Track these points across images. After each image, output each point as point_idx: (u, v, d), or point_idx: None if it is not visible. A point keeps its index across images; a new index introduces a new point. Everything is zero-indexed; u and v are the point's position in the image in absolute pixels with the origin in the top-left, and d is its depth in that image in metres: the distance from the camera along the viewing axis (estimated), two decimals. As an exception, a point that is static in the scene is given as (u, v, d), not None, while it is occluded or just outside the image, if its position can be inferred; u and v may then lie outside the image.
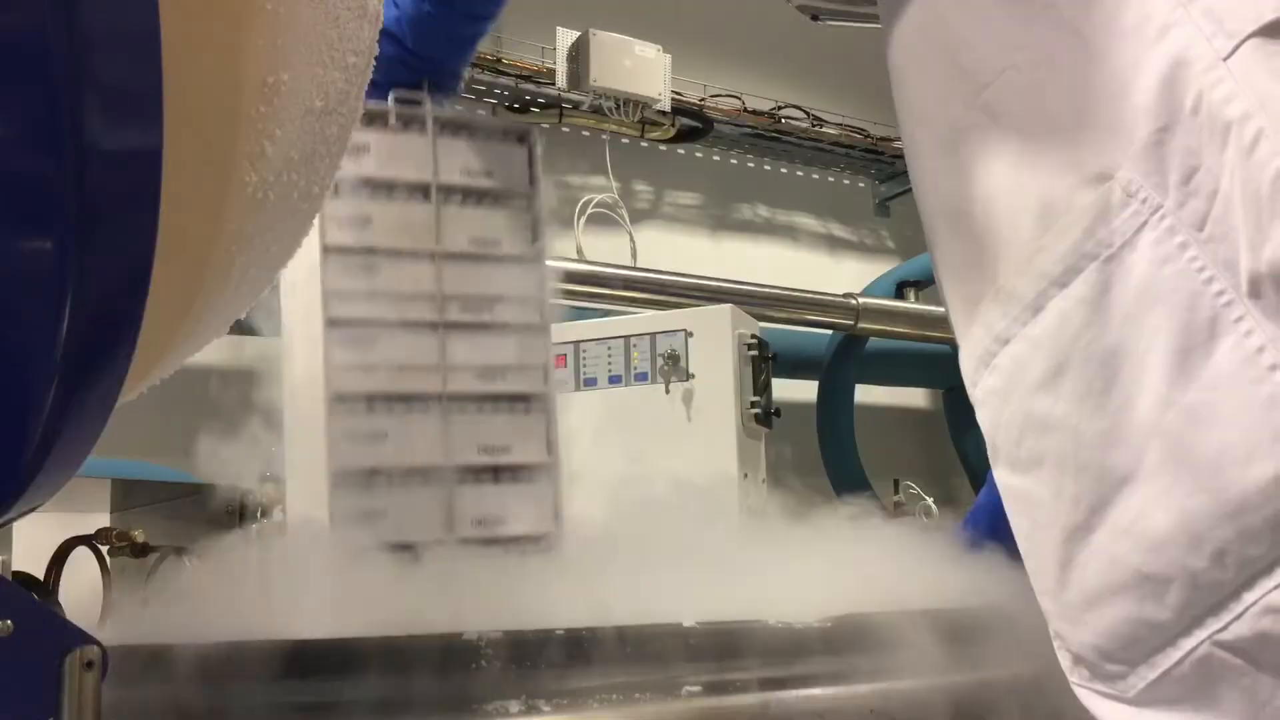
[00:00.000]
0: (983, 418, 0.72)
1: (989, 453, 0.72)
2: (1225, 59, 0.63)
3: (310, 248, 1.15)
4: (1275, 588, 0.58)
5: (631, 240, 3.64)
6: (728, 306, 2.22)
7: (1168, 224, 0.63)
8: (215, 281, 0.57)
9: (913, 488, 3.26)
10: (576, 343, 2.23)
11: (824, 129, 4.05)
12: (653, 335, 2.19)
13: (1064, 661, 0.70)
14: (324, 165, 0.59)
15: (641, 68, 3.50)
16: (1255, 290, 0.60)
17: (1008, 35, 0.70)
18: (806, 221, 4.37)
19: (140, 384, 0.61)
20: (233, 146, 0.52)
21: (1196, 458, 0.61)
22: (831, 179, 4.43)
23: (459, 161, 1.21)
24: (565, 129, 3.63)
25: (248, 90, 0.51)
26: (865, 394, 3.92)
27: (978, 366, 0.71)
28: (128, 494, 2.21)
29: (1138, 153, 0.64)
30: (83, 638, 0.52)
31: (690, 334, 2.17)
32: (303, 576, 0.86)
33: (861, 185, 4.50)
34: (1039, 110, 0.68)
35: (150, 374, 0.62)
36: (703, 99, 3.78)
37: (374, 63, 0.63)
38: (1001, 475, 0.71)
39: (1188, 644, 0.61)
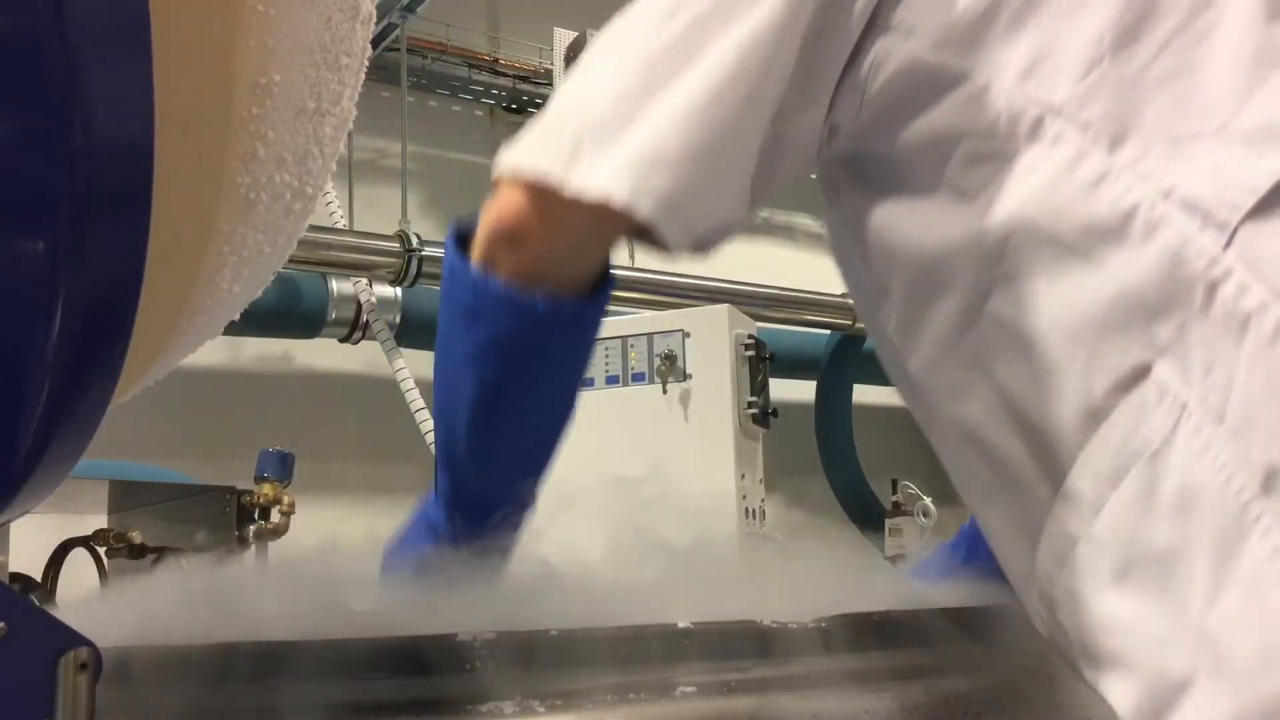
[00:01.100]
0: (1063, 618, 0.71)
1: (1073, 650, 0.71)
2: (1225, 249, 0.63)
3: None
4: None
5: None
6: (725, 307, 2.23)
7: (1194, 420, 0.63)
8: (208, 283, 0.57)
9: (910, 487, 3.26)
10: (574, 343, 2.23)
11: (822, 129, 4.05)
12: (650, 335, 2.19)
13: None
14: (317, 166, 0.60)
15: (639, 68, 3.50)
16: (1268, 486, 0.60)
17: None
18: (804, 221, 4.37)
19: (134, 386, 0.61)
20: (224, 147, 0.52)
21: (1236, 663, 0.60)
22: (829, 179, 4.43)
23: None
24: (563, 129, 3.63)
25: (240, 91, 0.51)
26: (863, 393, 3.92)
27: (1055, 567, 0.70)
28: (125, 495, 2.21)
29: (1163, 349, 0.64)
30: (76, 639, 0.52)
31: (688, 334, 2.17)
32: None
33: (859, 185, 4.50)
34: (1054, 316, 0.68)
35: (144, 376, 0.62)
36: (700, 99, 3.78)
37: (366, 64, 0.63)
38: (1085, 673, 0.70)
39: None
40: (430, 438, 3.13)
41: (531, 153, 0.74)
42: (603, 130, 0.72)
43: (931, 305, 0.74)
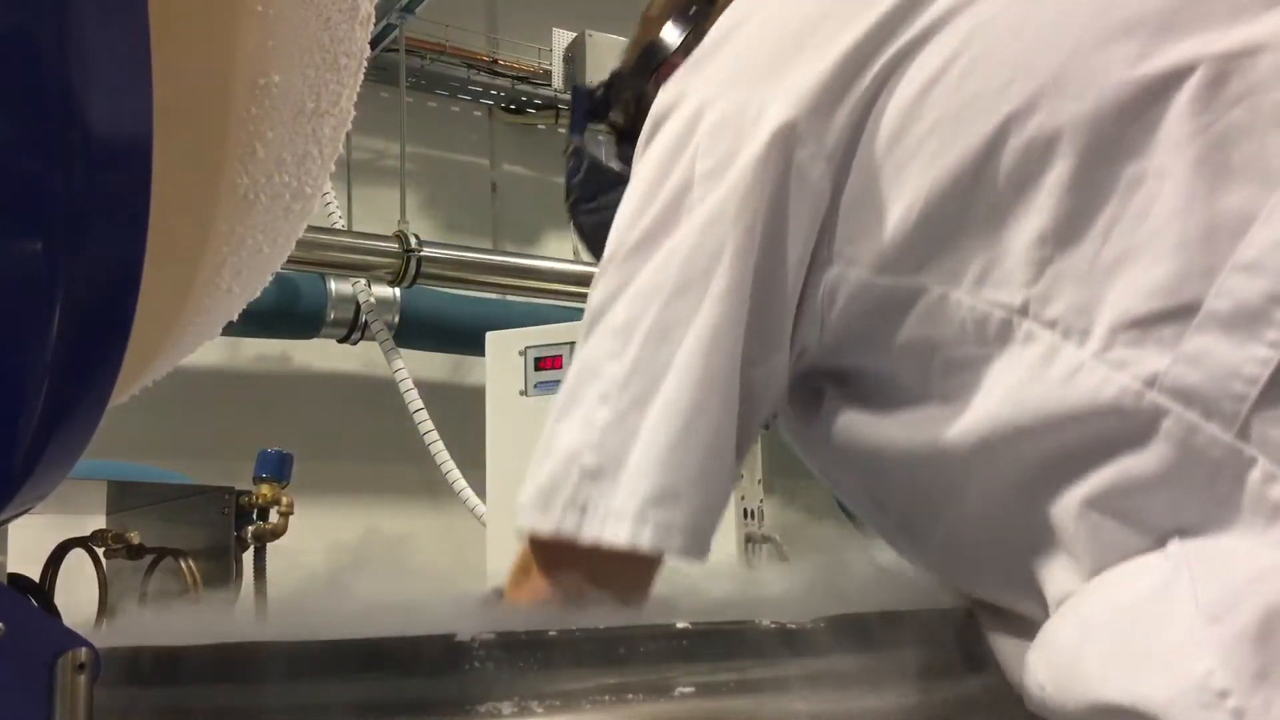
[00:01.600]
0: None
1: None
2: (1240, 438, 0.63)
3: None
4: None
5: (628, 241, 3.63)
6: (724, 307, 2.22)
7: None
8: (206, 283, 0.57)
9: (909, 488, 3.26)
10: (573, 344, 2.23)
11: (820, 130, 4.05)
12: (649, 336, 2.19)
13: None
14: (316, 166, 0.60)
15: (638, 68, 3.50)
16: None
17: None
18: (803, 222, 4.36)
19: (132, 386, 0.61)
20: (223, 147, 0.52)
21: None
22: (828, 179, 4.43)
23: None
24: (561, 130, 3.63)
25: (238, 91, 0.51)
26: (862, 394, 3.92)
27: None
28: (123, 495, 2.21)
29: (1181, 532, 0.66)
30: (74, 640, 0.52)
31: (686, 335, 2.17)
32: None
33: (858, 186, 4.50)
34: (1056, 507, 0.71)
35: (142, 376, 0.62)
36: (699, 100, 3.78)
37: (365, 64, 0.63)
38: None
39: None
40: (429, 438, 3.14)
41: (543, 514, 0.76)
42: (600, 478, 0.74)
43: (934, 514, 0.77)
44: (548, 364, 2.26)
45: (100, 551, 2.07)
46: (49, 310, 0.45)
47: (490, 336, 2.33)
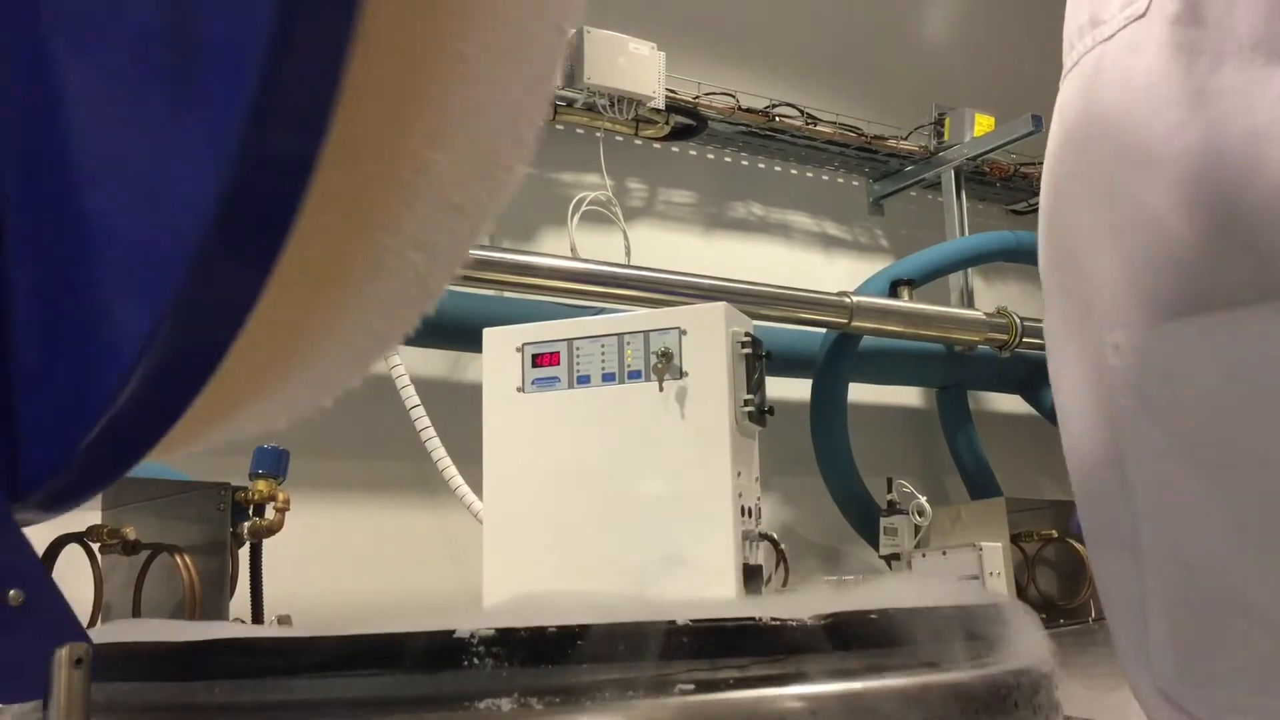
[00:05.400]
0: None
1: None
2: None
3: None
4: None
5: (625, 238, 3.63)
6: (721, 304, 2.22)
7: None
8: (312, 342, 0.54)
9: (906, 486, 3.27)
10: (570, 340, 2.23)
11: (818, 127, 4.05)
12: (646, 333, 2.19)
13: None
14: (444, 260, 0.56)
15: (635, 65, 3.50)
16: None
17: None
18: (800, 220, 4.37)
19: (197, 440, 0.58)
20: (379, 198, 0.49)
21: None
22: (825, 177, 4.44)
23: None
24: (559, 126, 3.63)
25: (404, 154, 0.49)
26: (859, 392, 3.93)
27: None
28: (119, 491, 2.20)
29: None
30: (74, 633, 0.51)
31: (684, 332, 2.17)
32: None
33: (855, 184, 4.50)
34: None
35: (213, 431, 0.58)
36: (697, 97, 3.78)
37: (507, 190, 0.59)
38: None
39: None
40: (426, 434, 3.14)
41: None
42: None
43: None
44: (545, 360, 2.26)
45: (96, 547, 2.07)
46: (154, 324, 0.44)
47: (488, 333, 2.32)
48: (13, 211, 0.51)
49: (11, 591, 0.50)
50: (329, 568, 2.93)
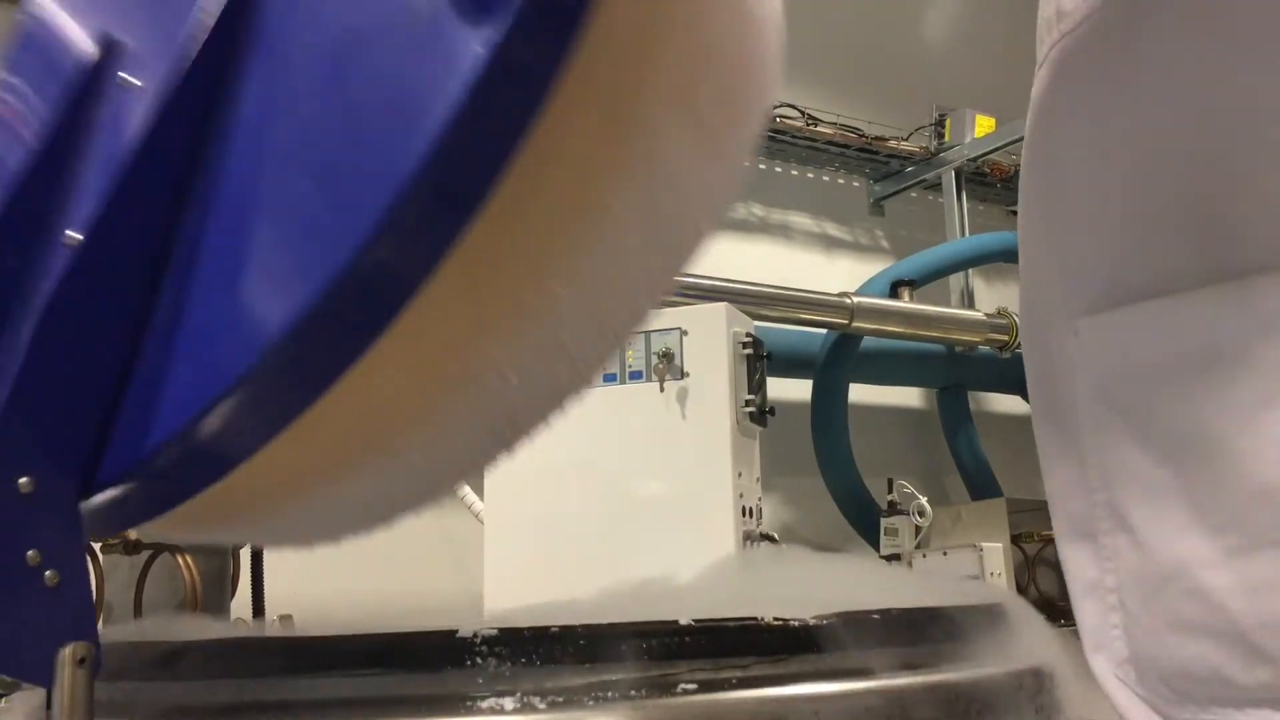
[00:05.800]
0: None
1: None
2: None
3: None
4: None
5: (626, 238, 3.63)
6: (722, 305, 2.22)
7: None
8: (447, 398, 0.52)
9: (906, 486, 3.26)
10: (571, 340, 2.23)
11: (819, 128, 4.05)
12: (647, 333, 2.19)
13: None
14: (534, 394, 0.54)
15: (636, 66, 3.50)
16: None
17: None
18: (801, 220, 4.37)
19: (276, 502, 0.57)
20: (530, 276, 0.49)
21: None
22: (826, 178, 4.43)
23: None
24: (560, 127, 3.63)
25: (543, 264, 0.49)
26: (859, 393, 3.92)
27: None
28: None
29: None
30: (86, 631, 0.51)
31: (685, 332, 2.17)
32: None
33: (856, 185, 4.50)
34: None
35: (280, 498, 0.57)
36: (697, 97, 3.77)
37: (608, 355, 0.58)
38: None
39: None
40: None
41: None
42: None
43: None
44: (546, 361, 2.26)
45: (97, 547, 2.07)
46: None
47: (488, 333, 2.32)
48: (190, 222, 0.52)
49: (48, 571, 0.51)
50: (329, 568, 2.93)
